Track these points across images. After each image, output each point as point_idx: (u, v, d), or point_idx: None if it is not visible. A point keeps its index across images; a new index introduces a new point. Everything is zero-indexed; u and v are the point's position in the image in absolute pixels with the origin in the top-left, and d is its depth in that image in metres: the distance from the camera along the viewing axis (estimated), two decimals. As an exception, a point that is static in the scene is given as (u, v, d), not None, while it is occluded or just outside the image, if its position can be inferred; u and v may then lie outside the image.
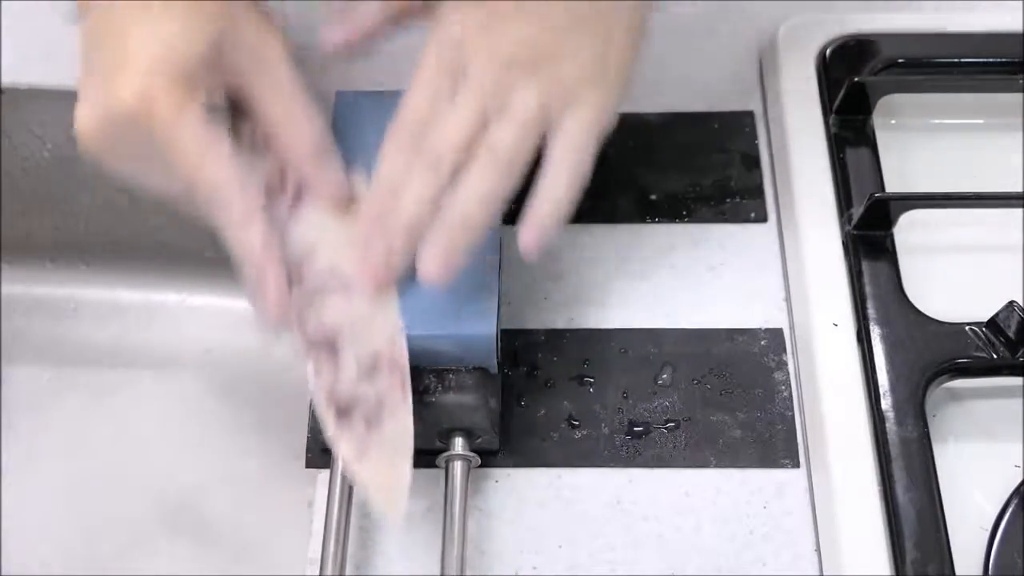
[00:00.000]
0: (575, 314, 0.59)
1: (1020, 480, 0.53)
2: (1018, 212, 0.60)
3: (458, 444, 0.53)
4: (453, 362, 0.52)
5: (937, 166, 0.63)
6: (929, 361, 0.55)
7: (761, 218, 0.62)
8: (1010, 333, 0.54)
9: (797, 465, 0.55)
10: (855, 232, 0.59)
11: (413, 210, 0.49)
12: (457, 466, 0.52)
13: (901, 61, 0.64)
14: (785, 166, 0.62)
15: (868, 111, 0.63)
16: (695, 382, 0.57)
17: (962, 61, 0.65)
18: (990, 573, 0.51)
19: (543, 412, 0.56)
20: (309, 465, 0.55)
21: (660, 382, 0.57)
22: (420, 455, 0.54)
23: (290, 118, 0.52)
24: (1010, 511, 0.52)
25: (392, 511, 0.49)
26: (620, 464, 0.55)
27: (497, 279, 0.53)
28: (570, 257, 0.61)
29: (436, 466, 0.53)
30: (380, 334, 0.51)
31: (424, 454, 0.54)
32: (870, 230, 0.59)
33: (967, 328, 0.55)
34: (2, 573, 0.69)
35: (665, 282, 0.60)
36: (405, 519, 0.53)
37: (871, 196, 0.58)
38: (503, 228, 0.54)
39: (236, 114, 0.52)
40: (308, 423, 0.54)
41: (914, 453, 0.52)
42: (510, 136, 0.49)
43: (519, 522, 0.54)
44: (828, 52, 0.65)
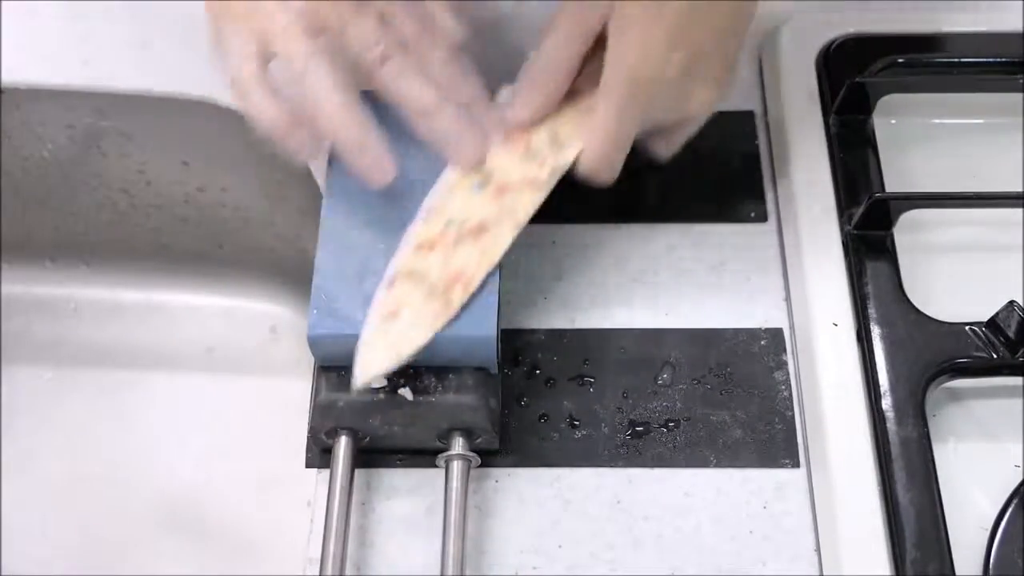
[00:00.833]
0: (575, 314, 0.59)
1: (1020, 480, 0.53)
2: (1018, 212, 0.60)
3: (458, 444, 0.53)
4: (453, 362, 0.52)
5: (937, 166, 0.63)
6: (929, 361, 0.55)
7: (761, 218, 0.62)
8: (1010, 333, 0.54)
9: (797, 465, 0.55)
10: (855, 232, 0.59)
11: None
12: (457, 466, 0.52)
13: (901, 61, 0.64)
14: (785, 166, 0.62)
15: (868, 111, 0.63)
16: (695, 382, 0.57)
17: (962, 61, 0.65)
18: (990, 573, 0.51)
19: (543, 412, 0.56)
20: (309, 465, 0.55)
21: (660, 382, 0.57)
22: (420, 455, 0.54)
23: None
24: (1010, 511, 0.52)
25: (362, 374, 0.50)
26: (620, 464, 0.55)
27: (497, 279, 0.53)
28: (570, 257, 0.61)
29: (436, 466, 0.53)
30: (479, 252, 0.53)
31: (424, 454, 0.54)
32: (870, 230, 0.59)
33: (967, 328, 0.55)
34: (2, 572, 0.69)
35: (665, 282, 0.60)
36: (405, 519, 0.54)
37: (871, 196, 0.58)
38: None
39: None
40: (308, 423, 0.54)
41: (914, 453, 0.52)
42: None
43: (519, 522, 0.54)
44: (828, 52, 0.65)
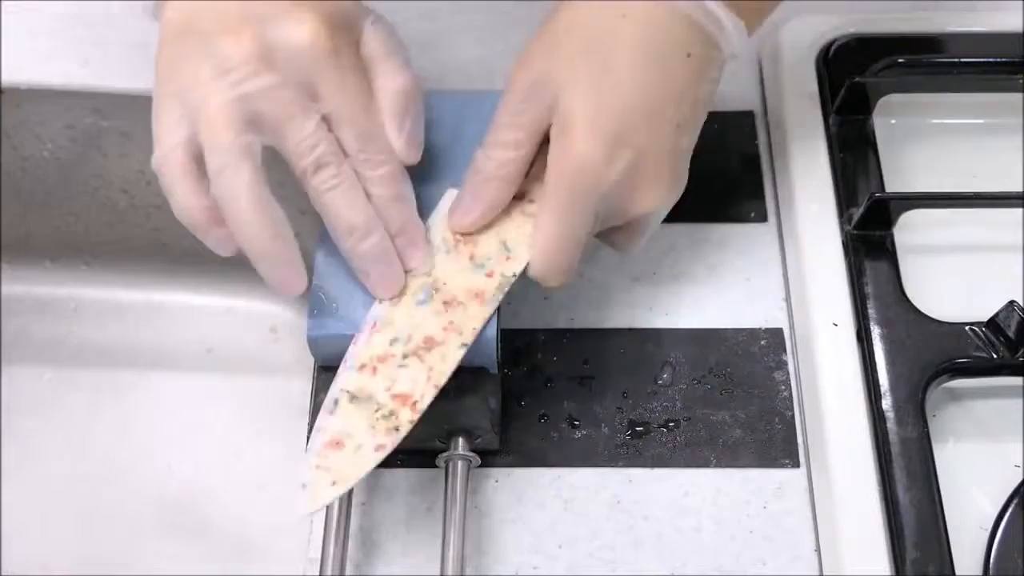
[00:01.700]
0: (575, 314, 0.59)
1: (1020, 480, 0.53)
2: (1018, 212, 0.60)
3: (458, 444, 0.53)
4: (453, 362, 0.52)
5: (937, 166, 0.63)
6: (929, 361, 0.55)
7: (761, 218, 0.62)
8: (1010, 333, 0.54)
9: (797, 465, 0.55)
10: (855, 232, 0.59)
11: None
12: (457, 466, 0.52)
13: (901, 61, 0.64)
14: (785, 166, 0.62)
15: (868, 111, 0.63)
16: (695, 382, 0.57)
17: (962, 61, 0.65)
18: (990, 573, 0.51)
19: (543, 412, 0.56)
20: (309, 465, 0.55)
21: (660, 382, 0.57)
22: (420, 455, 0.54)
23: None
24: (1010, 511, 0.52)
25: (308, 506, 0.48)
26: (620, 464, 0.55)
27: (497, 279, 0.53)
28: (570, 257, 0.61)
29: (436, 466, 0.53)
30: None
31: (424, 454, 0.54)
32: (870, 230, 0.59)
33: (967, 328, 0.55)
34: (2, 572, 0.69)
35: (665, 282, 0.60)
36: (405, 519, 0.54)
37: (871, 196, 0.58)
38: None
39: None
40: (308, 423, 0.54)
41: (914, 453, 0.52)
42: None
43: (519, 522, 0.54)
44: (828, 52, 0.65)
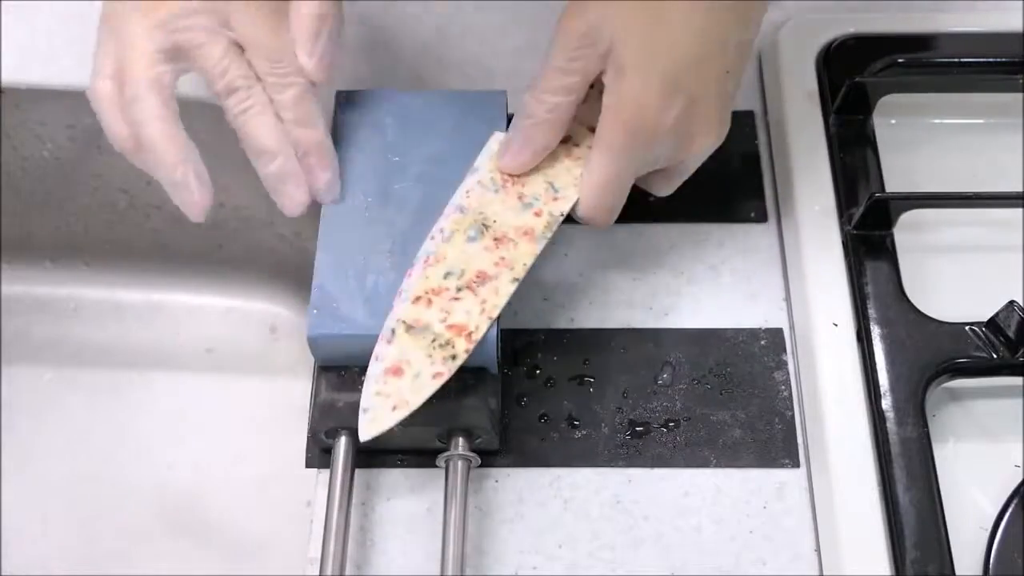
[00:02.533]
0: (575, 314, 0.59)
1: (1020, 480, 0.53)
2: (1018, 212, 0.60)
3: (458, 444, 0.53)
4: (453, 362, 0.52)
5: (937, 166, 0.63)
6: (929, 361, 0.55)
7: (761, 218, 0.62)
8: (1010, 333, 0.54)
9: (797, 465, 0.55)
10: (855, 232, 0.59)
11: None
12: (457, 466, 0.52)
13: (901, 61, 0.64)
14: (785, 166, 0.62)
15: (868, 111, 0.63)
16: (695, 382, 0.57)
17: (962, 61, 0.65)
18: (990, 573, 0.51)
19: (543, 412, 0.56)
20: (309, 465, 0.55)
21: (660, 382, 0.57)
22: (420, 455, 0.54)
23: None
24: (1010, 511, 0.52)
25: (367, 432, 0.50)
26: (620, 464, 0.55)
27: (497, 279, 0.53)
28: (570, 257, 0.61)
29: (436, 466, 0.53)
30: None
31: (424, 454, 0.54)
32: (870, 230, 0.59)
33: (967, 328, 0.55)
34: (2, 573, 0.69)
35: (665, 282, 0.60)
36: (405, 519, 0.54)
37: (871, 196, 0.58)
38: (503, 228, 0.54)
39: None
40: (308, 423, 0.54)
41: (914, 453, 0.52)
42: None
43: (519, 522, 0.54)
44: (828, 52, 0.65)
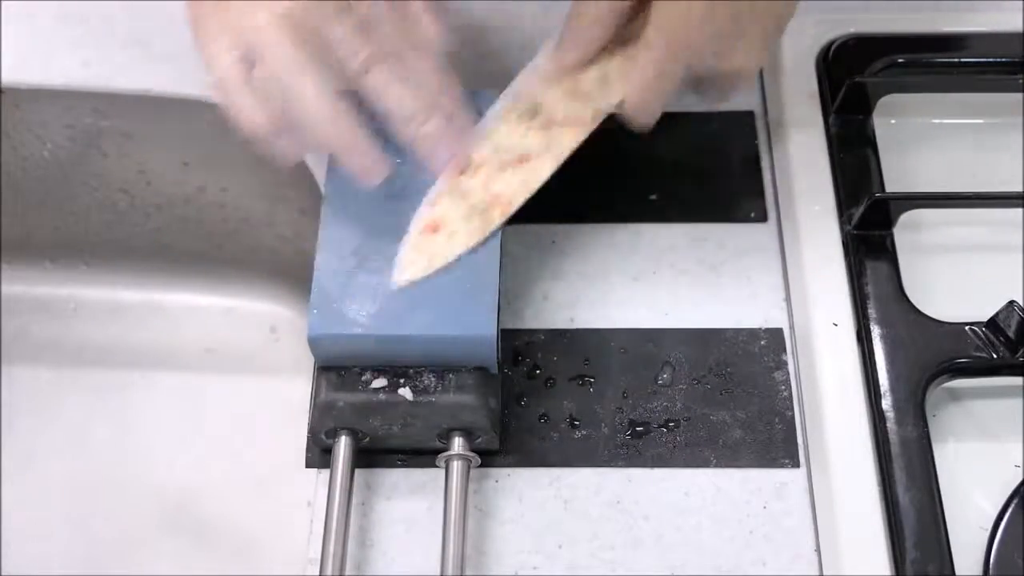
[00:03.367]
0: (575, 314, 0.59)
1: (1020, 480, 0.53)
2: (1018, 212, 0.60)
3: (458, 444, 0.53)
4: (453, 362, 0.52)
5: (937, 166, 0.63)
6: (929, 361, 0.55)
7: (761, 218, 0.62)
8: (1010, 333, 0.54)
9: (797, 465, 0.55)
10: (855, 232, 0.59)
11: None
12: (457, 466, 0.52)
13: (901, 61, 0.64)
14: (785, 166, 0.62)
15: (868, 111, 0.63)
16: (695, 382, 0.57)
17: (962, 61, 0.65)
18: (990, 573, 0.51)
19: (543, 412, 0.56)
20: (309, 465, 0.55)
21: (660, 382, 0.57)
22: (420, 455, 0.54)
23: None
24: (1010, 511, 0.52)
25: (401, 274, 0.53)
26: (620, 464, 0.55)
27: (497, 279, 0.53)
28: (570, 257, 0.61)
29: (436, 466, 0.53)
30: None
31: (424, 454, 0.54)
32: (870, 230, 0.59)
33: (967, 328, 0.55)
34: (2, 573, 0.69)
35: (665, 282, 0.60)
36: (405, 519, 0.54)
37: (871, 196, 0.58)
38: (504, 229, 0.54)
39: None
40: (308, 423, 0.54)
41: (914, 453, 0.52)
42: None
43: (519, 522, 0.54)
44: (828, 52, 0.65)
